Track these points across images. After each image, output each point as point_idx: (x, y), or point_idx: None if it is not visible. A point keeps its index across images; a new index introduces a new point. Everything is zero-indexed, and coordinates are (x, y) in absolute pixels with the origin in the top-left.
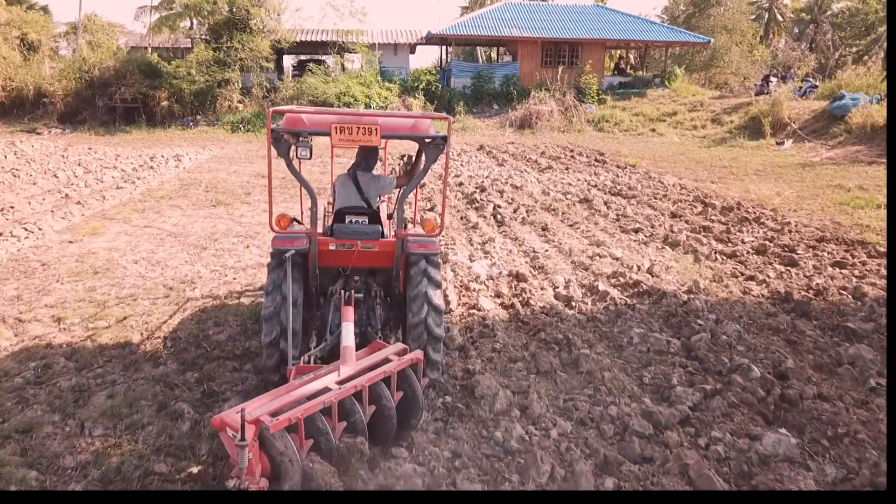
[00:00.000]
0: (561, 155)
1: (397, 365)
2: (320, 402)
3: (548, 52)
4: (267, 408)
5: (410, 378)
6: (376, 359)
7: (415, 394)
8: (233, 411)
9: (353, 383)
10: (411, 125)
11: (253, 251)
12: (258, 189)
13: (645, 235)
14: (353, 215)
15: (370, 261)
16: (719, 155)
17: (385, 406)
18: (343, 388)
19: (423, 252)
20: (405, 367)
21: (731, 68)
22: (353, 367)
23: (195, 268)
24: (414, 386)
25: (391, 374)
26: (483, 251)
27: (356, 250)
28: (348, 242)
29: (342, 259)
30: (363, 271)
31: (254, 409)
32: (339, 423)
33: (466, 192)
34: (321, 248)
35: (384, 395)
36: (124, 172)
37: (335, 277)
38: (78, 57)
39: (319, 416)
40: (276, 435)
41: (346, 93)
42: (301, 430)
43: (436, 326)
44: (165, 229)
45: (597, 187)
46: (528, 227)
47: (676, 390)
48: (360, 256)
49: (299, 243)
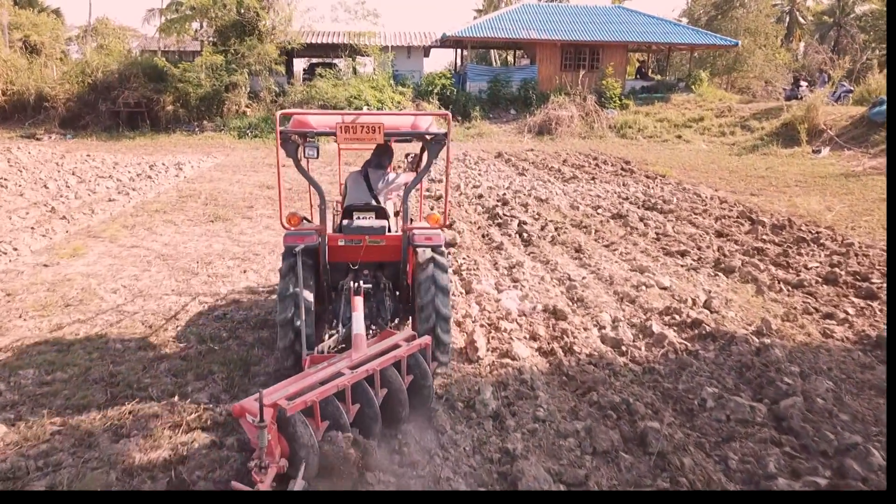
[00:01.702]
0: (584, 163)
1: (407, 350)
2: (334, 385)
3: (567, 54)
4: (283, 392)
5: (420, 362)
6: (386, 345)
7: (425, 377)
8: (251, 398)
9: (365, 367)
10: (412, 123)
11: (251, 277)
12: (262, 201)
13: (693, 259)
14: (361, 211)
15: (378, 255)
16: (752, 163)
17: (396, 389)
18: (355, 372)
19: (429, 244)
20: (415, 352)
21: (754, 72)
22: (364, 353)
23: (181, 300)
24: (424, 369)
25: (401, 358)
26: (511, 278)
27: (364, 245)
28: (356, 238)
29: (351, 254)
30: (372, 265)
31: (271, 394)
32: (353, 406)
33: (487, 206)
34: (330, 244)
35: (395, 379)
36: (119, 182)
37: (345, 272)
38: (81, 60)
39: (333, 399)
40: (293, 417)
41: (358, 97)
42: (317, 412)
43: (443, 307)
44: (154, 250)
45: (629, 200)
46: (559, 247)
47: (778, 482)
48: (368, 251)
49: (309, 240)
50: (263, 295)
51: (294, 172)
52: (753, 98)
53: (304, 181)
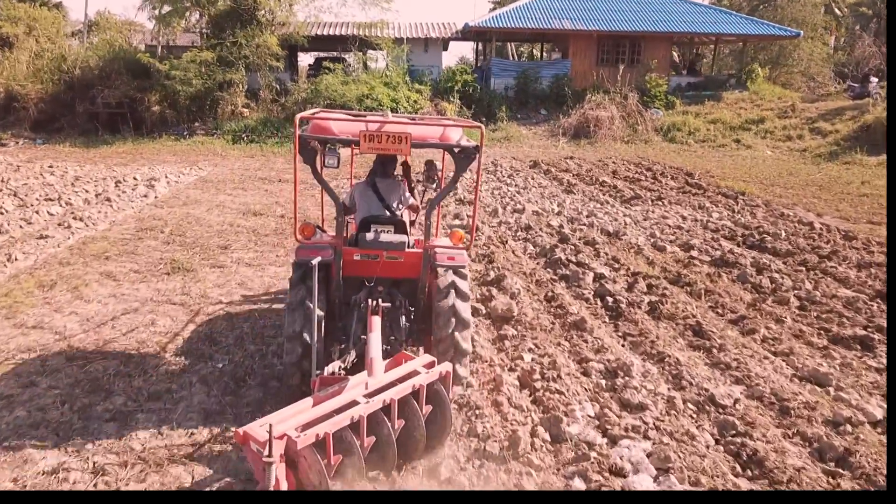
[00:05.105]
0: (639, 176)
1: (426, 378)
2: (348, 416)
3: (605, 47)
4: (293, 422)
5: (440, 391)
6: (404, 371)
7: (444, 408)
8: (257, 424)
9: (382, 397)
10: (442, 134)
11: (210, 401)
12: (243, 238)
13: (880, 353)
14: (378, 224)
15: (395, 271)
16: (839, 175)
17: (415, 420)
18: (371, 401)
19: (451, 264)
20: (434, 381)
21: (799, 66)
22: (380, 379)
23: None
24: (443, 400)
25: (420, 387)
26: (619, 401)
27: (381, 261)
28: (373, 252)
29: (367, 269)
30: (387, 282)
31: (279, 422)
32: (368, 438)
33: (540, 244)
34: (345, 258)
35: (413, 409)
36: (69, 207)
37: (359, 287)
38: (57, 54)
39: (348, 430)
40: (304, 451)
41: (369, 95)
42: (329, 445)
43: (463, 341)
44: (63, 333)
45: (720, 233)
46: (666, 326)
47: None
48: (386, 267)
49: (324, 254)
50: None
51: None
52: (815, 96)
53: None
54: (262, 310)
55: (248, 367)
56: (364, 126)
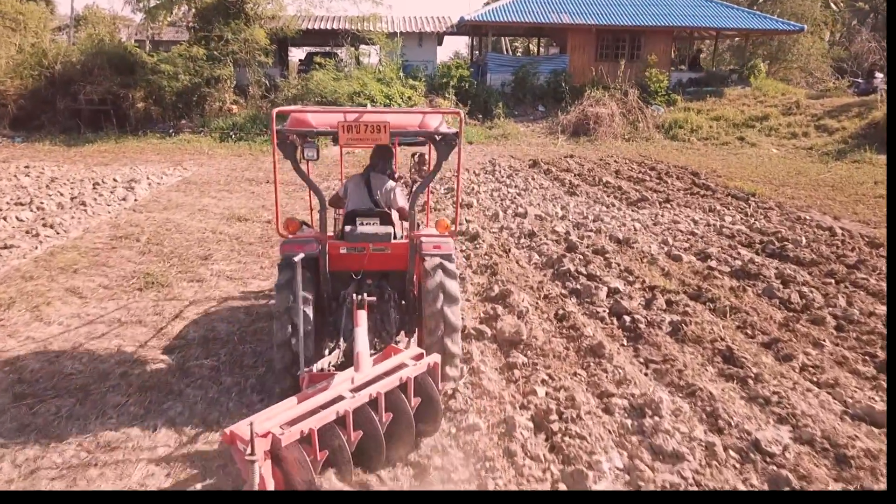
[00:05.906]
0: (644, 175)
1: (414, 370)
2: (334, 410)
3: (604, 42)
4: (278, 419)
5: (428, 383)
6: (391, 364)
7: (433, 400)
8: (242, 423)
9: (369, 391)
10: (421, 121)
11: (177, 453)
12: (225, 247)
13: None
14: (364, 217)
15: (383, 263)
16: (851, 175)
17: (402, 413)
18: (358, 395)
19: (438, 252)
20: (423, 372)
21: (798, 62)
22: (367, 373)
23: None
24: (432, 392)
25: (408, 380)
26: (650, 448)
27: (367, 253)
28: (359, 245)
29: (354, 262)
30: (376, 274)
31: (264, 420)
32: (355, 433)
33: (546, 253)
34: (332, 252)
35: (401, 402)
36: (39, 213)
37: (347, 281)
38: (37, 49)
39: (334, 426)
40: (289, 448)
41: (362, 91)
42: (315, 441)
43: (453, 316)
44: (15, 364)
45: (739, 241)
46: (692, 350)
47: None
48: (372, 259)
49: (309, 248)
50: None
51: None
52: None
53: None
54: (243, 332)
55: (224, 407)
56: (342, 117)
